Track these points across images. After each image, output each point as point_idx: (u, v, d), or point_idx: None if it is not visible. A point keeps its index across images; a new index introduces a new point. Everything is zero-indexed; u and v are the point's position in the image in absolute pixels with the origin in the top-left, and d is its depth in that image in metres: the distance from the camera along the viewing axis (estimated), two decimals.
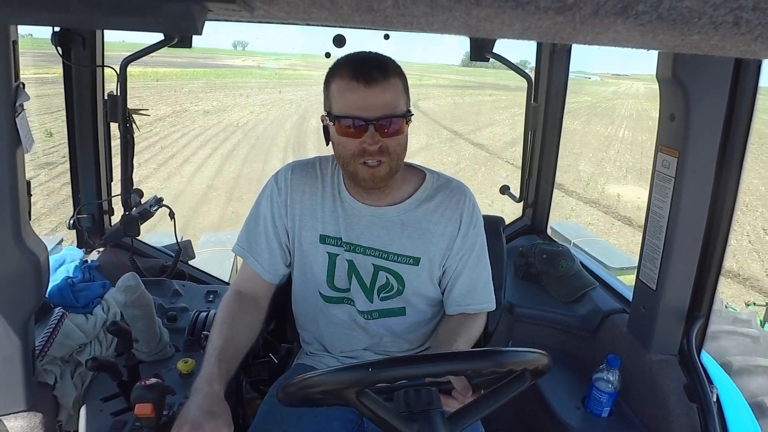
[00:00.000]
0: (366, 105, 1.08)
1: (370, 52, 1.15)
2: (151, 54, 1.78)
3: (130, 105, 1.86)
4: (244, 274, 1.31)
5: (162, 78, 31.19)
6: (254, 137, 15.82)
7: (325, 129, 1.20)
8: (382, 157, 1.12)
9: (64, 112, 1.92)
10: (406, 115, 1.14)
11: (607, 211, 10.90)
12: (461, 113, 26.17)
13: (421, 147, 15.48)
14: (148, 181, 10.04)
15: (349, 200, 1.25)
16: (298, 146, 14.50)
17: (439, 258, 1.27)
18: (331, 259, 1.27)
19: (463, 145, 17.44)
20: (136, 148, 1.93)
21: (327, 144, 1.21)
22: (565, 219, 9.40)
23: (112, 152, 2.05)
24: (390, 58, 1.14)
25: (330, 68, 1.16)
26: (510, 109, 26.98)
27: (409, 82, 1.18)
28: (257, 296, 1.28)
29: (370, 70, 1.08)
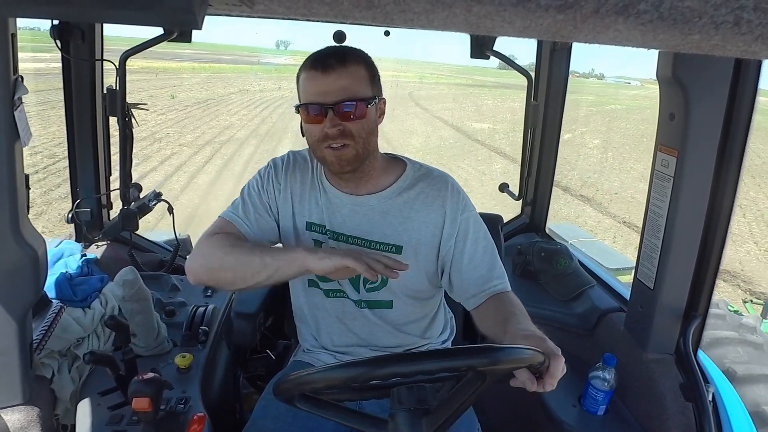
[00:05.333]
0: (323, 91, 1.12)
1: (338, 46, 1.19)
2: (204, 49, 1.79)
3: (218, 87, 1.86)
4: (220, 224, 1.26)
5: (218, 71, 41.98)
6: (294, 103, 25.12)
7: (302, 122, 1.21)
8: (345, 140, 1.14)
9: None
10: (368, 100, 1.15)
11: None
12: (445, 100, 32.79)
13: (394, 106, 24.61)
14: (237, 114, 19.19)
15: (330, 189, 1.27)
16: None
17: (425, 246, 1.25)
18: (317, 246, 1.28)
19: (415, 107, 25.72)
20: (231, 95, 2.00)
21: (303, 135, 1.22)
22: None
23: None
24: (355, 50, 1.17)
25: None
26: (486, 98, 34.40)
27: (429, 81, 1.18)
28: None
29: (328, 58, 1.12)
